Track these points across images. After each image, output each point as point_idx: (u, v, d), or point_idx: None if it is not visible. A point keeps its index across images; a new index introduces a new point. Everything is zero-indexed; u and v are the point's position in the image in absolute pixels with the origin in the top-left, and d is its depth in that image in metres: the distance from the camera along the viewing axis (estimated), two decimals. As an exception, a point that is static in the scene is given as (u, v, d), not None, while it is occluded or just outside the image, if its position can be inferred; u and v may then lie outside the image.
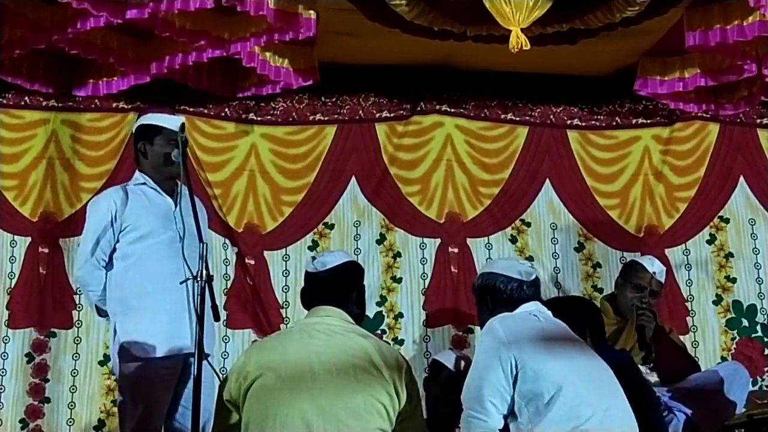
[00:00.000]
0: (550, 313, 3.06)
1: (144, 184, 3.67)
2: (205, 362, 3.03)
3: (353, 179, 5.18)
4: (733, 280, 5.28)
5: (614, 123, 5.44)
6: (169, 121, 3.69)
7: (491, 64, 5.09)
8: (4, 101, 4.93)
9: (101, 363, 4.71)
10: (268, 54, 4.57)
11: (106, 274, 3.56)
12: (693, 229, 5.33)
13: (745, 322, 5.22)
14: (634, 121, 5.44)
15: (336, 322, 2.94)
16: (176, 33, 4.24)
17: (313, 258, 3.15)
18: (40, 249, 4.80)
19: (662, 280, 4.38)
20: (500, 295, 3.05)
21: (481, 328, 3.09)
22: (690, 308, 5.22)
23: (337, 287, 3.03)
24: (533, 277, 3.14)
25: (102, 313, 3.62)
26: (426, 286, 5.10)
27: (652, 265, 4.35)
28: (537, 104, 5.39)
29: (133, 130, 3.81)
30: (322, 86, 4.92)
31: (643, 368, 4.05)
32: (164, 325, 3.46)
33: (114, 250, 3.56)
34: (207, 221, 3.95)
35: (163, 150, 3.64)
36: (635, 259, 4.58)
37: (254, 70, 4.60)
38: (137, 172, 3.75)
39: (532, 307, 3.03)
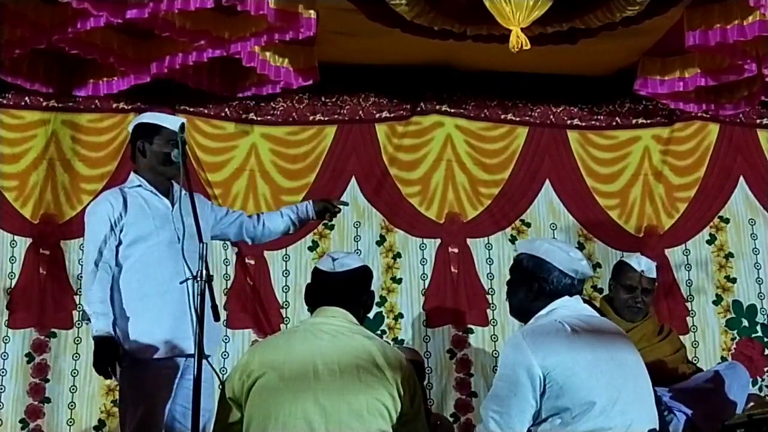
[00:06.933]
0: (584, 308, 2.95)
1: (139, 186, 3.60)
2: (205, 362, 3.02)
3: (353, 179, 5.18)
4: (733, 280, 5.28)
5: (614, 123, 5.44)
6: (169, 121, 3.65)
7: (491, 64, 5.09)
8: (4, 101, 4.93)
9: (101, 363, 4.71)
10: (268, 54, 4.56)
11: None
12: (693, 229, 5.33)
13: (745, 322, 5.22)
14: (634, 121, 5.44)
15: (341, 323, 2.93)
16: (176, 33, 4.23)
17: (334, 259, 3.08)
18: (41, 250, 4.81)
19: (653, 276, 4.29)
20: (550, 287, 2.89)
21: (511, 307, 3.00)
22: (690, 308, 5.22)
23: (352, 289, 3.02)
24: (586, 277, 2.99)
25: (87, 318, 3.52)
26: (426, 287, 5.10)
27: (639, 263, 4.29)
28: (537, 104, 5.39)
29: (131, 129, 3.71)
30: (322, 86, 4.92)
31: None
32: (165, 326, 3.44)
33: (117, 253, 3.54)
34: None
35: (162, 150, 3.59)
36: (623, 260, 4.50)
37: (254, 70, 4.59)
38: (132, 174, 3.66)
39: (564, 305, 2.89)
